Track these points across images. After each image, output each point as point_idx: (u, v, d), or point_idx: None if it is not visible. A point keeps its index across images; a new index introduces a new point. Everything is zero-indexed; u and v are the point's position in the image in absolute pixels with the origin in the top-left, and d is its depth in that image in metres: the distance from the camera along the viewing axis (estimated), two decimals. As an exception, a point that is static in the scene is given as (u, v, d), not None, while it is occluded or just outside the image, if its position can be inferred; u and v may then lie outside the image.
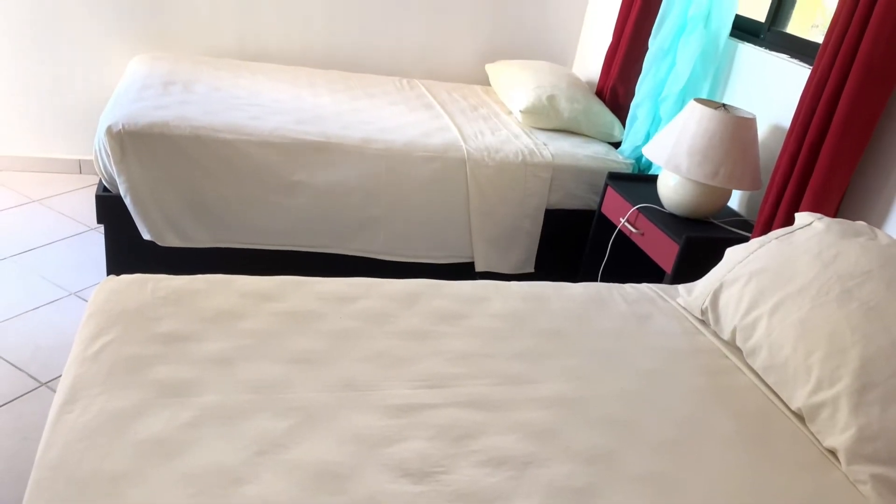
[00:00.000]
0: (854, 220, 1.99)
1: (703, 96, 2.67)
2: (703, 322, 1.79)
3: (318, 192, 2.52)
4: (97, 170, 2.40)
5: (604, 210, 2.65)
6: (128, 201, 2.35)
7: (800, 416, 1.47)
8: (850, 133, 1.91)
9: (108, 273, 2.49)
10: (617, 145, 3.07)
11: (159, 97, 2.55)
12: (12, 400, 1.98)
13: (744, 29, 2.62)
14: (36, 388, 2.03)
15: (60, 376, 2.05)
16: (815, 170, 2.01)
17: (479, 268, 2.75)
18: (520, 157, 2.71)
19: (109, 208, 2.39)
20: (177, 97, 2.58)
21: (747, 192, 2.51)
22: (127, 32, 3.16)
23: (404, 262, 2.69)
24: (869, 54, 1.85)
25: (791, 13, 2.52)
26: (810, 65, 2.26)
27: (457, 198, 2.66)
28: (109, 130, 2.28)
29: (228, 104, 2.62)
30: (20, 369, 2.09)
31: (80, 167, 3.35)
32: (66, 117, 3.24)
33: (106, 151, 2.30)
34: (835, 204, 1.98)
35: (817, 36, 2.46)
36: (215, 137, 2.39)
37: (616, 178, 2.65)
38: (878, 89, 1.87)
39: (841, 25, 1.98)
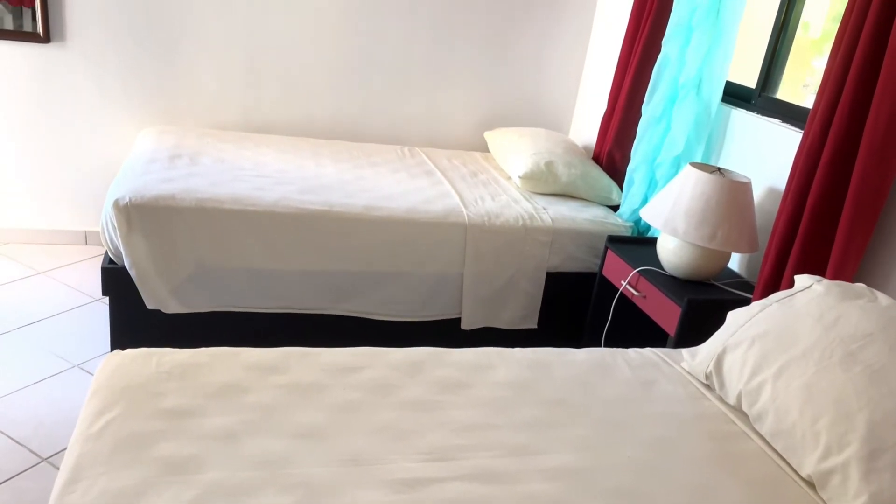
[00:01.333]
0: (868, 282, 2.00)
1: (698, 160, 2.73)
2: (708, 387, 1.78)
3: (320, 259, 2.55)
4: (104, 242, 2.43)
5: (605, 273, 2.67)
6: (133, 273, 2.37)
7: (810, 483, 1.45)
8: (861, 199, 1.92)
9: (112, 345, 2.49)
10: (615, 208, 3.12)
11: (166, 170, 2.60)
12: (13, 476, 1.95)
13: (735, 95, 2.70)
14: (37, 464, 2.01)
15: (62, 451, 2.04)
16: (816, 234, 2.03)
17: (464, 326, 2.76)
18: (520, 222, 2.75)
19: (115, 280, 2.41)
20: (183, 170, 2.64)
21: (747, 254, 2.53)
22: (134, 106, 3.25)
23: (398, 321, 2.71)
24: (873, 128, 1.88)
25: (780, 80, 2.59)
26: (801, 129, 2.32)
27: (456, 262, 2.69)
28: (116, 204, 2.33)
29: (233, 175, 2.67)
30: (21, 444, 2.07)
31: (86, 238, 3.39)
32: (73, 189, 3.31)
33: (113, 225, 2.34)
34: (852, 270, 1.97)
35: (808, 95, 2.53)
36: (220, 209, 2.43)
37: (616, 241, 2.68)
38: (880, 162, 1.89)
39: (829, 93, 2.04)
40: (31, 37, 3.01)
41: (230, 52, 3.29)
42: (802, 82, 2.67)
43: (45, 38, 3.02)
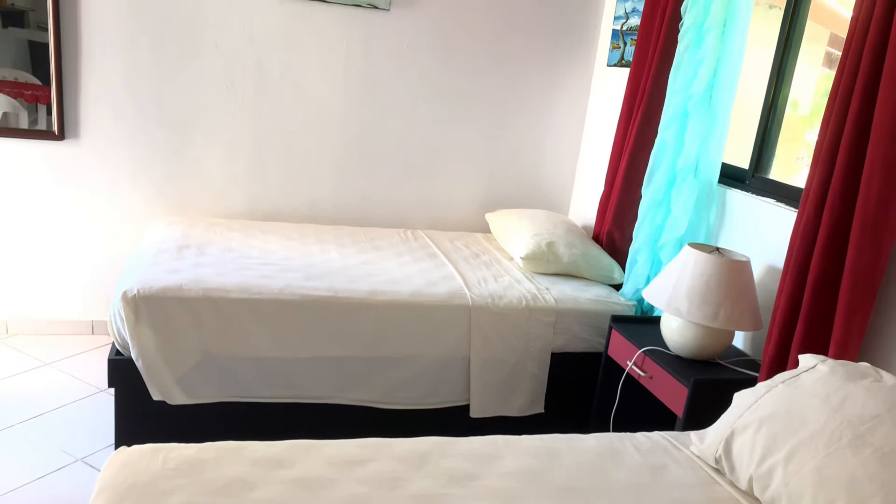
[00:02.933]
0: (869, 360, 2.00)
1: (699, 241, 2.77)
2: (718, 471, 1.76)
3: (326, 345, 2.56)
4: (111, 334, 2.45)
5: (610, 353, 2.67)
6: (139, 364, 2.38)
7: (829, 573, 1.42)
8: (857, 278, 1.95)
9: (117, 438, 2.48)
10: (617, 287, 3.14)
11: (174, 261, 2.65)
12: (12, 580, 1.91)
13: (730, 176, 2.76)
14: (37, 566, 1.97)
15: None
16: (817, 312, 2.05)
17: (473, 414, 2.74)
18: (523, 303, 2.77)
19: (121, 372, 2.42)
20: (191, 260, 2.69)
21: (751, 332, 2.54)
22: (144, 198, 3.34)
23: (403, 408, 2.69)
24: (864, 204, 1.93)
25: (772, 160, 2.67)
26: (796, 208, 2.37)
27: (461, 344, 2.70)
28: (125, 296, 2.36)
29: (240, 264, 2.72)
30: (22, 545, 2.04)
31: (93, 328, 3.41)
32: (80, 280, 3.35)
33: (121, 316, 2.37)
34: (855, 348, 1.98)
35: (802, 168, 2.59)
36: (227, 297, 2.46)
37: (620, 321, 2.69)
38: (874, 238, 1.93)
39: (820, 171, 2.09)
40: (47, 135, 3.13)
41: (238, 143, 3.40)
42: (796, 155, 2.75)
43: (60, 136, 3.14)
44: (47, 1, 2.99)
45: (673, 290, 2.33)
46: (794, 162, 2.76)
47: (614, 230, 3.21)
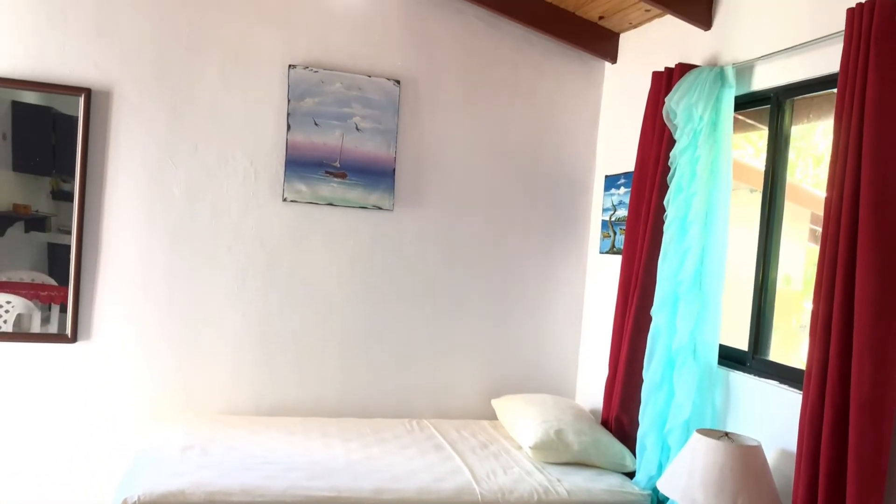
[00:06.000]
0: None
1: (706, 425, 2.74)
2: None
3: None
4: (107, 545, 2.35)
5: (629, 550, 2.54)
6: (134, 579, 2.26)
7: None
8: (863, 461, 1.92)
9: None
10: (630, 475, 3.05)
11: (177, 463, 2.61)
12: None
13: (731, 358, 2.79)
14: None
15: None
16: (835, 499, 1.99)
17: None
18: (535, 497, 2.68)
19: (114, 588, 2.29)
20: (194, 461, 2.64)
21: (773, 521, 2.43)
22: (152, 397, 3.34)
23: None
24: (859, 385, 1.95)
25: (770, 341, 2.71)
26: (800, 389, 2.37)
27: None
28: (126, 503, 2.30)
29: (244, 464, 2.67)
30: None
31: (87, 535, 3.26)
32: (86, 482, 3.25)
33: (119, 526, 2.29)
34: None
35: (805, 338, 2.61)
36: (229, 501, 2.40)
37: (636, 514, 2.58)
38: (872, 420, 1.93)
39: (818, 352, 2.13)
40: (60, 338, 3.20)
41: (245, 339, 3.47)
42: (799, 324, 2.79)
43: (73, 339, 3.22)
44: (73, 207, 3.19)
45: (687, 480, 2.27)
46: (796, 332, 2.80)
47: (622, 415, 3.18)
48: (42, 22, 3.12)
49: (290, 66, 3.42)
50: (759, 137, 3.01)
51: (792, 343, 2.84)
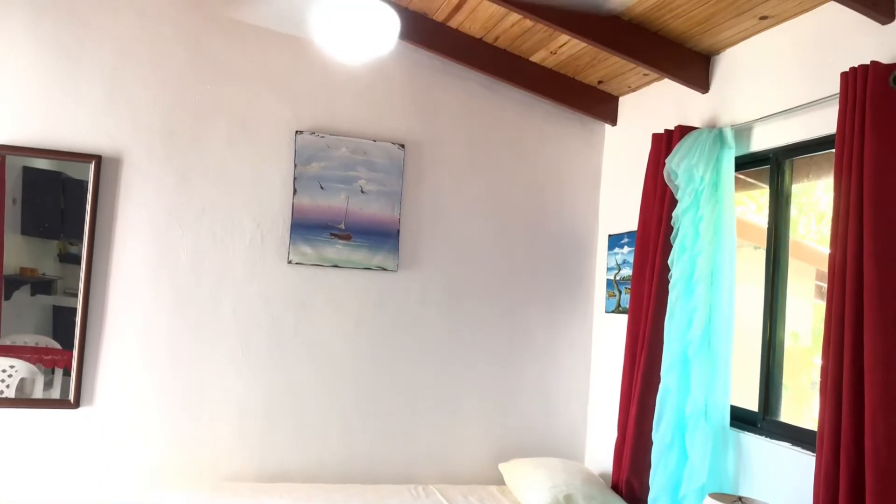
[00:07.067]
0: None
1: (719, 488, 2.67)
2: None
3: None
4: None
5: None
6: None
7: None
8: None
9: None
10: (643, 542, 2.96)
11: (177, 533, 2.54)
12: None
13: (740, 419, 2.75)
14: None
15: None
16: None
17: None
18: (545, 567, 2.59)
19: None
20: (194, 531, 2.58)
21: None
22: (153, 464, 3.27)
23: None
24: (873, 448, 1.91)
25: (780, 401, 2.67)
26: (812, 451, 2.32)
27: None
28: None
29: (245, 534, 2.60)
30: None
31: None
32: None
33: None
34: None
35: (817, 394, 2.57)
36: (229, 573, 2.32)
37: (649, 584, 2.50)
38: (889, 484, 1.88)
39: (829, 413, 2.09)
40: (62, 403, 3.17)
41: (248, 403, 3.42)
42: (809, 380, 2.75)
43: (76, 404, 3.18)
44: (80, 269, 3.20)
45: (702, 547, 2.20)
46: (807, 390, 2.77)
47: (633, 478, 3.11)
48: (56, 91, 3.21)
49: (296, 131, 3.49)
50: (760, 194, 3.04)
51: (803, 401, 2.80)
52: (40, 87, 3.19)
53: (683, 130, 3.01)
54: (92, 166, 3.21)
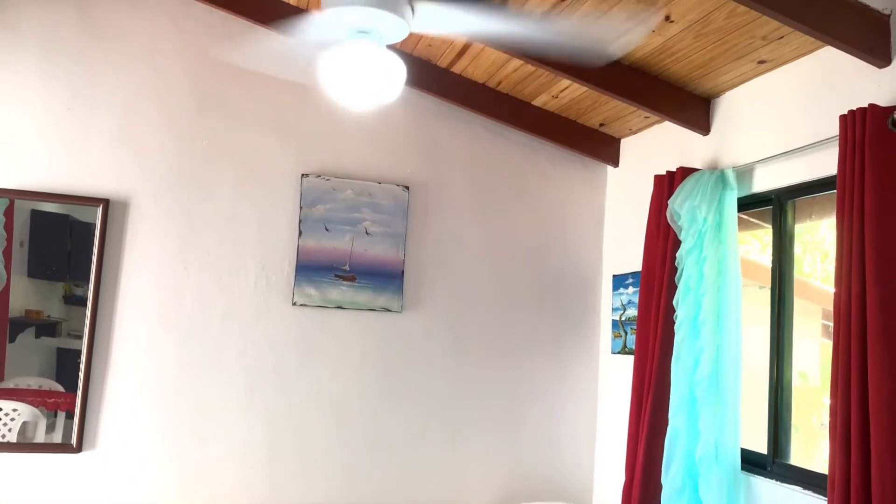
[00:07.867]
0: None
1: (732, 533, 2.62)
2: None
3: None
4: None
5: None
6: None
7: None
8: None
9: None
10: (654, 590, 2.89)
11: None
12: None
13: (750, 462, 2.71)
14: None
15: None
16: None
17: None
18: None
19: None
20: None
21: None
22: (153, 509, 3.25)
23: None
24: (880, 494, 1.88)
25: (789, 444, 2.64)
26: (824, 496, 2.28)
27: None
28: None
29: (247, 582, 2.55)
30: None
31: None
32: None
33: None
34: None
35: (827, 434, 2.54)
36: None
37: None
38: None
39: (839, 457, 2.06)
40: (64, 448, 3.14)
41: (252, 447, 3.39)
42: (820, 421, 2.71)
43: (78, 449, 3.15)
44: (85, 311, 3.20)
45: None
46: (817, 431, 2.73)
47: (641, 523, 3.05)
48: (66, 136, 3.25)
49: (302, 174, 3.53)
50: (764, 234, 3.05)
51: (814, 442, 2.76)
52: (51, 131, 3.24)
53: (685, 172, 3.04)
54: (100, 210, 3.24)
